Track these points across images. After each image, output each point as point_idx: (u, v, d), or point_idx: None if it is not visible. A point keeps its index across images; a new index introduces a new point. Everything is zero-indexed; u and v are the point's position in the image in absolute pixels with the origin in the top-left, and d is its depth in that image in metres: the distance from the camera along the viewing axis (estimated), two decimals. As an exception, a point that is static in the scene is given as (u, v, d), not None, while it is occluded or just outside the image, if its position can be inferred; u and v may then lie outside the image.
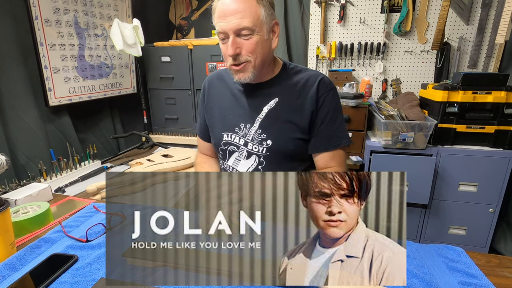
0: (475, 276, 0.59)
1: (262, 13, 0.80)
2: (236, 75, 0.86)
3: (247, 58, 0.82)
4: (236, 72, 0.85)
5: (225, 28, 0.79)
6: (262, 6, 0.80)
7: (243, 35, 0.80)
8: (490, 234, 1.75)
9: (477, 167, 1.66)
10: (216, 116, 0.98)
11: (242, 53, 0.82)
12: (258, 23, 0.80)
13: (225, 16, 0.78)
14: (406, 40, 2.10)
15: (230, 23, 0.78)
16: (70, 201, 1.02)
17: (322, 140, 0.90)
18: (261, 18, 0.80)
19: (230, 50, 0.80)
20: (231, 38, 0.79)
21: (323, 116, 0.88)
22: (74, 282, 0.57)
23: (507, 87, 1.56)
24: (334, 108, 0.89)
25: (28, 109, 1.50)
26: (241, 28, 0.78)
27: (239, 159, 0.94)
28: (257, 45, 0.81)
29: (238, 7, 0.77)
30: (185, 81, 2.19)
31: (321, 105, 0.88)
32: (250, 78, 0.85)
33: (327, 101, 0.88)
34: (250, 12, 0.78)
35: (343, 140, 0.90)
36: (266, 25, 0.82)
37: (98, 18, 1.83)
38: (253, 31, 0.79)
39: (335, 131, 0.90)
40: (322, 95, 0.88)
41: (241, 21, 0.77)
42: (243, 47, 0.81)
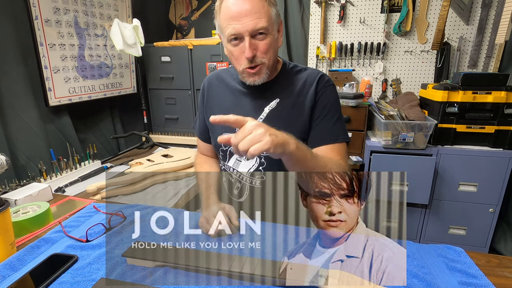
0: (475, 276, 0.59)
1: (273, 12, 0.79)
2: (250, 78, 0.84)
3: (262, 60, 0.81)
4: (250, 75, 0.83)
5: (240, 29, 0.76)
6: (272, 5, 0.79)
7: (258, 36, 0.78)
8: (490, 234, 1.75)
9: (477, 167, 1.66)
10: None
11: (258, 55, 0.80)
12: (271, 23, 0.79)
13: (239, 17, 0.76)
14: (406, 40, 2.10)
15: (245, 25, 0.75)
16: (70, 201, 1.02)
17: (319, 134, 0.89)
18: (273, 18, 0.79)
19: (248, 53, 0.77)
20: (247, 40, 0.77)
21: (321, 109, 0.88)
22: (74, 282, 0.57)
23: (507, 87, 1.56)
24: (332, 103, 0.88)
25: (28, 109, 1.50)
26: (258, 29, 0.76)
27: (240, 160, 0.93)
28: (271, 45, 0.80)
29: (252, 7, 0.75)
30: (185, 81, 2.19)
31: (319, 99, 0.87)
32: (264, 79, 0.84)
33: (325, 95, 0.88)
34: (264, 12, 0.76)
35: (340, 136, 0.89)
36: (276, 24, 0.82)
37: (98, 18, 1.83)
38: (268, 32, 0.78)
39: (332, 125, 0.88)
40: (321, 90, 0.88)
41: (257, 22, 0.75)
42: (258, 48, 0.79)
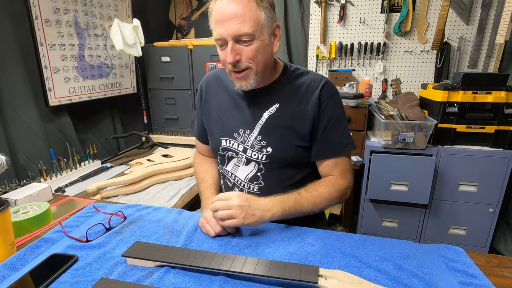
0: (475, 276, 0.59)
1: (263, 16, 0.75)
2: (237, 83, 0.82)
3: (248, 64, 0.78)
4: (237, 80, 0.82)
5: (223, 34, 0.74)
6: (262, 8, 0.75)
7: (243, 41, 0.75)
8: (490, 234, 1.75)
9: (477, 167, 1.66)
10: (214, 120, 0.95)
11: (242, 60, 0.77)
12: (259, 28, 0.75)
13: (223, 21, 0.74)
14: (406, 40, 2.10)
15: (228, 29, 0.73)
16: (70, 201, 1.02)
17: (325, 147, 0.87)
18: (262, 22, 0.75)
19: (230, 58, 0.76)
20: (230, 44, 0.75)
21: (326, 122, 0.85)
22: (74, 282, 0.57)
23: (507, 87, 1.56)
24: (337, 114, 0.86)
25: (28, 109, 1.50)
26: (241, 34, 0.74)
27: (238, 165, 0.91)
28: (258, 51, 0.77)
29: (236, 11, 0.72)
30: (185, 81, 2.19)
31: (323, 111, 0.85)
32: (252, 85, 0.82)
33: (330, 106, 0.85)
34: (250, 16, 0.73)
35: (347, 146, 0.87)
36: (267, 29, 0.77)
37: (98, 18, 1.83)
38: (253, 37, 0.75)
39: (338, 137, 0.86)
40: (325, 100, 0.84)
41: (240, 27, 0.73)
42: (242, 53, 0.77)
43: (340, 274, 0.55)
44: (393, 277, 0.58)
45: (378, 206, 1.86)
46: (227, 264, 0.58)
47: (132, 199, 1.33)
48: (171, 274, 0.59)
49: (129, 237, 0.74)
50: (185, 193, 1.40)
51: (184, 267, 0.60)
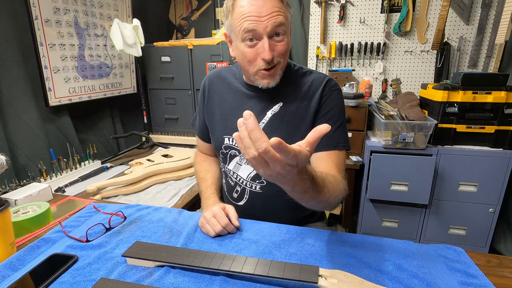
0: (475, 276, 0.59)
1: (289, 14, 0.78)
2: (264, 80, 0.81)
3: (278, 59, 0.79)
4: (265, 77, 0.80)
5: (258, 28, 0.73)
6: (288, 7, 0.78)
7: (276, 37, 0.76)
8: (490, 234, 1.75)
9: (477, 167, 1.66)
10: (217, 118, 0.95)
11: (275, 56, 0.77)
12: (288, 23, 0.78)
13: (258, 15, 0.72)
14: (406, 40, 2.10)
15: (264, 24, 0.73)
16: (70, 201, 1.02)
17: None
18: (289, 19, 0.78)
19: (268, 54, 0.74)
20: (266, 40, 0.74)
21: (324, 113, 0.85)
22: (74, 282, 0.57)
23: (507, 87, 1.56)
24: (336, 107, 0.86)
25: (28, 109, 1.50)
26: (278, 27, 0.74)
27: (240, 164, 0.91)
28: (288, 46, 0.79)
29: (272, 6, 0.73)
30: (185, 81, 2.19)
31: (323, 103, 0.85)
32: (277, 81, 0.82)
33: (330, 99, 0.85)
34: (284, 11, 0.75)
35: (341, 143, 0.85)
36: (290, 26, 0.81)
37: (98, 18, 1.83)
38: (285, 32, 0.77)
39: (333, 131, 0.85)
40: (326, 94, 0.85)
41: (277, 20, 0.74)
42: (275, 49, 0.77)
43: (340, 274, 0.55)
44: (393, 277, 0.58)
45: (378, 206, 1.86)
46: (227, 264, 0.58)
47: (132, 199, 1.33)
48: (171, 274, 0.59)
49: (129, 237, 0.74)
50: (185, 193, 1.40)
51: (184, 267, 0.60)
